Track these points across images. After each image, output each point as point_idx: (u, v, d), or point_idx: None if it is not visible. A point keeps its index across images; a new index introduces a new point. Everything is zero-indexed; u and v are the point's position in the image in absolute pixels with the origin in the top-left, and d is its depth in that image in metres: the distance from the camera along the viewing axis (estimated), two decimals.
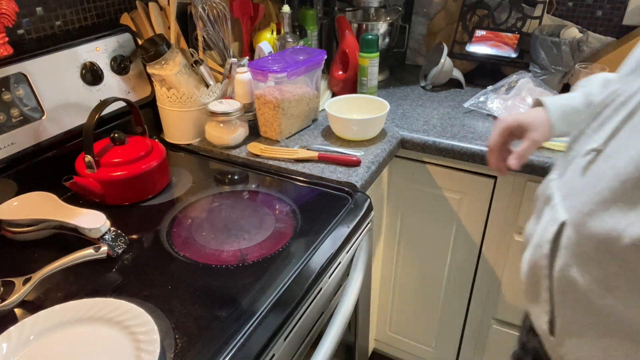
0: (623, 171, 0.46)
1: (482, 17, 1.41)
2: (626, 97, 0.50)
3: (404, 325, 1.45)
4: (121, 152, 0.90)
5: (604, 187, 0.49)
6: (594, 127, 0.55)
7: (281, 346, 0.66)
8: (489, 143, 0.80)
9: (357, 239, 0.87)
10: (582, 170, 0.54)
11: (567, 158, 0.60)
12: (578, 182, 0.54)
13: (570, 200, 0.55)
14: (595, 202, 0.50)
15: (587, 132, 0.56)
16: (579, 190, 0.53)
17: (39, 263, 0.71)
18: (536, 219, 0.64)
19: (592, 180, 0.51)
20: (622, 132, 0.49)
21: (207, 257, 0.77)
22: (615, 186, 0.47)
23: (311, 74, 1.13)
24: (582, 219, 0.51)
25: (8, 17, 0.86)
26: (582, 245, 0.52)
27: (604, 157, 0.50)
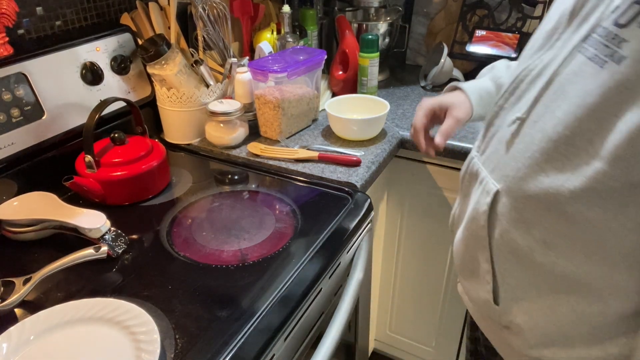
0: (552, 131, 0.50)
1: (482, 17, 1.41)
2: (540, 70, 0.55)
3: (404, 325, 1.45)
4: (121, 152, 0.90)
5: (535, 150, 0.52)
6: (513, 101, 0.59)
7: (281, 346, 0.66)
8: (414, 123, 0.83)
9: (357, 239, 0.87)
10: (507, 140, 0.58)
11: (487, 135, 0.64)
12: (505, 152, 0.58)
13: (500, 170, 0.58)
14: (528, 166, 0.53)
15: (506, 107, 0.61)
16: (508, 159, 0.57)
17: (39, 263, 0.71)
18: (462, 199, 0.68)
19: (521, 146, 0.55)
20: (544, 99, 0.53)
21: (207, 257, 0.77)
22: (546, 147, 0.51)
23: (311, 74, 1.13)
24: (516, 184, 0.55)
25: (8, 17, 0.86)
26: (519, 209, 0.55)
27: (530, 124, 0.54)
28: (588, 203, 0.48)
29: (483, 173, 0.62)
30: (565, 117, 0.49)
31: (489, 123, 0.65)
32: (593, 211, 0.48)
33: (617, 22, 0.45)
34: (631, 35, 0.44)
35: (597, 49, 0.47)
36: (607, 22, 0.47)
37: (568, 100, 0.49)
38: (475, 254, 0.64)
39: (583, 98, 0.47)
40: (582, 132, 0.47)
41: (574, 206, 0.49)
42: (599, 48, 0.47)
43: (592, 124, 0.46)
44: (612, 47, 0.45)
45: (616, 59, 0.44)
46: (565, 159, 0.49)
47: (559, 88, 0.51)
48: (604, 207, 0.47)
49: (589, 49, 0.48)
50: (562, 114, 0.49)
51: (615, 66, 0.44)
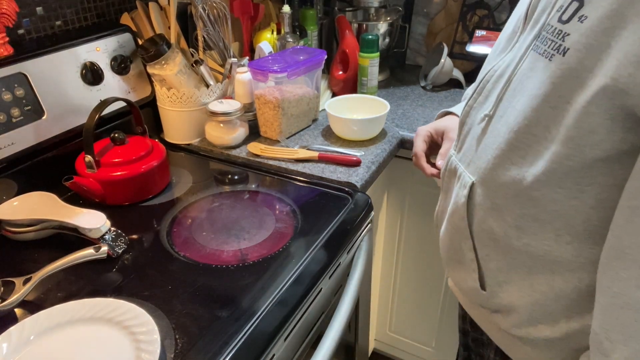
0: (514, 123, 0.55)
1: (482, 17, 1.41)
2: (502, 71, 0.61)
3: (404, 325, 1.45)
4: (121, 152, 0.90)
5: (501, 141, 0.57)
6: (481, 100, 0.65)
7: (281, 346, 0.66)
8: (415, 150, 0.90)
9: (357, 239, 0.87)
10: (478, 136, 0.63)
11: (462, 134, 0.69)
12: (477, 147, 0.63)
13: (474, 164, 0.63)
14: (495, 157, 0.58)
15: (475, 107, 0.66)
16: (480, 153, 0.62)
17: (39, 263, 0.71)
18: (444, 195, 0.73)
19: (489, 140, 0.60)
20: (506, 96, 0.58)
21: (207, 257, 0.77)
22: (510, 137, 0.55)
23: (311, 74, 1.13)
24: (487, 174, 0.60)
25: (8, 17, 0.86)
26: (492, 197, 0.60)
27: (496, 119, 0.59)
28: (550, 185, 0.52)
29: (460, 169, 0.67)
30: (524, 109, 0.54)
31: (461, 123, 0.70)
32: (556, 192, 0.52)
33: (561, 19, 0.50)
34: (572, 28, 0.49)
35: (546, 45, 0.52)
36: (553, 20, 0.52)
37: (525, 93, 0.54)
38: (459, 244, 0.68)
39: (537, 89, 0.52)
40: (539, 121, 0.52)
41: (538, 190, 0.53)
42: (547, 44, 0.52)
43: (547, 111, 0.51)
44: (557, 41, 0.50)
45: (561, 51, 0.49)
46: (527, 147, 0.54)
47: (517, 84, 0.56)
48: (565, 187, 0.51)
49: (540, 46, 0.53)
50: (521, 106, 0.54)
51: (561, 57, 0.49)
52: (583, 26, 0.47)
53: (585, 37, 0.47)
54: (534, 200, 0.55)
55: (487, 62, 0.68)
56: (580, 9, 0.48)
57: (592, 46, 0.46)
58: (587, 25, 0.47)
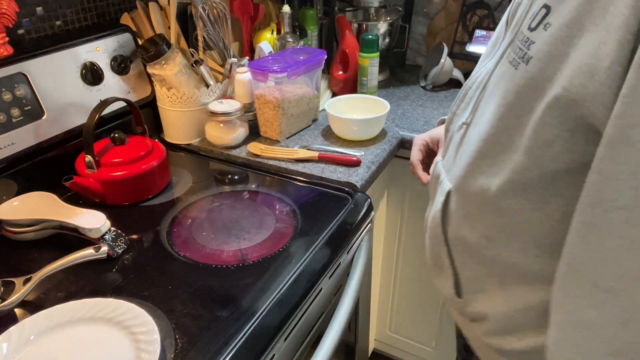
0: (484, 132, 0.55)
1: (482, 17, 1.41)
2: (483, 77, 0.60)
3: (404, 325, 1.45)
4: (121, 152, 0.90)
5: (473, 150, 0.57)
6: (463, 107, 0.65)
7: (281, 346, 0.66)
8: (411, 159, 0.90)
9: (357, 239, 0.87)
10: (457, 143, 0.63)
11: (446, 140, 0.69)
12: (455, 155, 0.63)
13: (452, 171, 0.63)
14: (468, 164, 0.58)
15: (458, 113, 0.66)
16: (457, 160, 0.62)
17: (39, 263, 0.71)
18: (431, 200, 0.72)
19: (465, 148, 0.60)
20: (481, 103, 0.58)
21: (207, 257, 0.77)
22: (480, 146, 0.55)
23: (311, 74, 1.13)
24: (461, 182, 0.60)
25: (8, 17, 0.86)
26: (465, 205, 0.60)
27: (472, 127, 0.59)
28: (515, 196, 0.52)
29: (442, 175, 0.67)
30: (492, 117, 0.53)
31: (446, 129, 0.70)
32: (520, 204, 0.52)
33: (530, 27, 0.49)
34: (537, 36, 0.48)
35: (515, 53, 0.51)
36: (524, 28, 0.51)
37: (494, 101, 0.54)
38: (437, 251, 0.67)
39: (504, 98, 0.51)
40: (504, 130, 0.52)
41: (503, 200, 0.53)
42: (516, 52, 0.51)
43: (511, 121, 0.50)
44: (524, 49, 0.49)
45: (525, 59, 0.49)
46: (494, 156, 0.53)
47: (489, 92, 0.56)
48: (529, 199, 0.51)
49: (510, 53, 0.53)
50: (489, 114, 0.54)
51: (525, 66, 0.48)
52: (546, 34, 0.47)
53: (547, 45, 0.46)
54: (500, 210, 0.54)
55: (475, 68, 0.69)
56: (546, 16, 0.47)
57: (552, 55, 0.46)
58: (549, 33, 0.46)
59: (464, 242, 0.61)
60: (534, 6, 0.51)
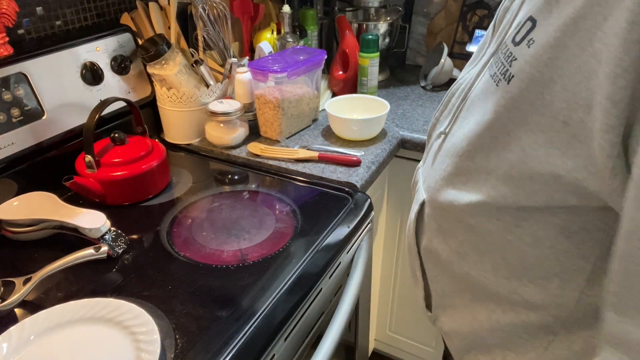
0: (459, 146, 0.52)
1: (482, 17, 1.41)
2: (466, 84, 0.57)
3: (404, 325, 1.45)
4: (121, 152, 0.90)
5: (448, 163, 0.54)
6: (445, 114, 0.61)
7: (281, 346, 0.66)
8: None
9: (357, 239, 0.87)
10: (434, 152, 0.60)
11: (427, 146, 0.67)
12: (432, 164, 0.60)
13: (427, 180, 0.60)
14: (442, 178, 0.55)
15: (441, 120, 0.63)
16: (432, 171, 0.59)
17: (39, 263, 0.71)
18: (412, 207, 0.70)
19: (440, 159, 0.57)
20: (460, 115, 0.55)
21: (207, 257, 0.77)
22: (455, 161, 0.52)
23: (311, 74, 1.13)
24: (434, 194, 0.57)
25: (8, 17, 0.86)
26: (437, 218, 0.57)
27: (449, 138, 0.56)
28: (487, 216, 0.49)
29: (419, 182, 0.64)
30: (469, 133, 0.50)
31: (428, 135, 0.67)
32: (493, 224, 0.49)
33: (514, 40, 0.45)
34: (519, 53, 0.43)
35: (497, 67, 0.47)
36: (509, 39, 0.46)
37: (473, 117, 0.50)
38: (411, 261, 0.66)
39: (482, 115, 0.48)
40: (480, 148, 0.48)
41: (475, 218, 0.50)
42: (497, 66, 0.47)
43: (488, 140, 0.47)
44: (506, 65, 0.45)
45: (507, 77, 0.44)
46: (468, 173, 0.50)
47: (470, 105, 0.53)
48: (502, 220, 0.48)
49: (493, 66, 0.49)
50: (467, 130, 0.51)
51: (505, 85, 0.44)
52: (529, 52, 0.42)
53: (529, 65, 0.42)
54: (472, 228, 0.51)
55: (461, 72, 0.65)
56: (531, 31, 0.42)
57: (534, 78, 0.41)
58: (531, 53, 0.42)
59: (435, 256, 0.59)
60: (520, 15, 0.47)
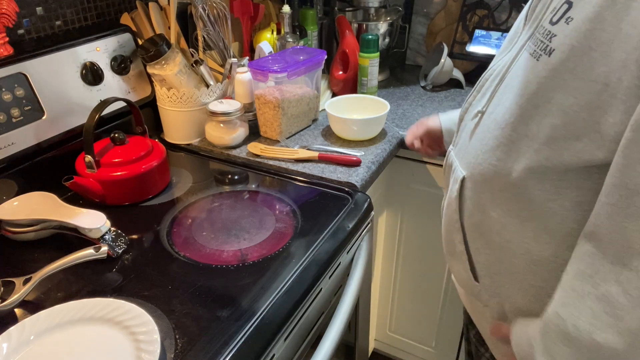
0: (501, 120, 0.56)
1: (482, 17, 1.41)
2: (500, 69, 0.62)
3: (404, 325, 1.45)
4: (121, 152, 0.90)
5: (489, 137, 0.58)
6: (478, 97, 0.67)
7: (281, 346, 0.66)
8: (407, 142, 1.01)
9: (357, 239, 0.87)
10: (471, 132, 0.65)
11: (459, 129, 0.71)
12: (469, 142, 0.65)
13: (465, 159, 0.64)
14: (484, 152, 0.59)
15: (474, 103, 0.68)
16: (471, 148, 0.64)
17: (39, 263, 0.71)
18: (445, 188, 0.74)
19: (479, 136, 0.62)
20: (498, 93, 0.60)
21: (207, 257, 0.77)
22: (497, 134, 0.57)
23: (311, 74, 1.13)
24: (475, 169, 0.61)
25: (8, 17, 0.86)
26: (479, 192, 0.61)
27: (487, 115, 0.61)
28: (530, 184, 0.53)
29: (455, 163, 0.68)
30: (510, 106, 0.55)
31: (460, 118, 0.71)
32: (535, 192, 0.53)
33: (551, 20, 0.52)
34: (559, 30, 0.50)
35: (535, 45, 0.53)
36: (546, 22, 0.53)
37: (513, 91, 0.55)
38: (452, 237, 0.69)
39: (524, 88, 0.53)
40: (522, 118, 0.53)
41: (519, 187, 0.55)
42: (537, 44, 0.53)
43: (530, 110, 0.52)
44: (545, 42, 0.51)
45: (547, 51, 0.51)
46: (510, 143, 0.55)
47: (508, 82, 0.58)
48: (543, 188, 0.52)
49: (531, 46, 0.54)
50: (508, 103, 0.56)
51: (547, 58, 0.50)
52: (568, 28, 0.48)
53: (569, 38, 0.48)
54: (515, 197, 0.55)
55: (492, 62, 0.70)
56: (568, 10, 0.49)
57: (574, 48, 0.47)
58: (571, 27, 0.48)
59: (478, 227, 0.62)
60: (554, 1, 0.53)
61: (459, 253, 0.67)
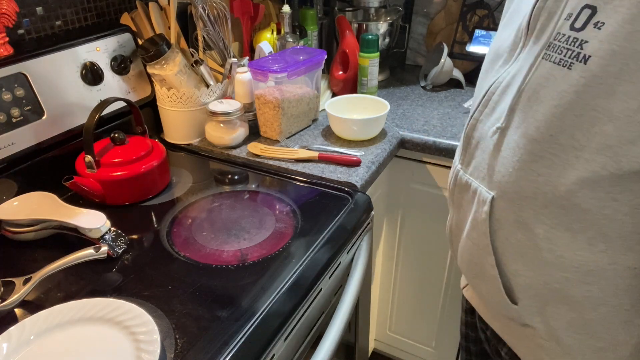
0: (536, 134, 0.54)
1: (482, 17, 1.41)
2: (508, 81, 0.60)
3: (404, 325, 1.45)
4: (121, 152, 0.90)
5: (522, 153, 0.56)
6: (487, 112, 0.63)
7: (281, 346, 0.66)
8: None
9: (357, 239, 0.87)
10: (492, 149, 0.61)
11: (469, 148, 0.67)
12: (493, 161, 0.61)
13: (491, 178, 0.61)
14: (518, 169, 0.57)
15: (482, 119, 0.64)
16: (498, 167, 0.60)
17: (39, 263, 0.71)
18: (456, 210, 0.72)
19: (507, 153, 0.59)
20: (520, 106, 0.57)
21: (207, 257, 0.77)
22: (533, 148, 0.55)
23: (311, 74, 1.13)
24: (510, 188, 0.58)
25: (8, 17, 0.86)
26: (517, 210, 0.58)
27: (512, 130, 0.58)
28: (582, 194, 0.52)
29: (474, 184, 0.65)
30: (546, 119, 0.53)
31: (468, 137, 0.68)
32: (588, 202, 0.52)
33: (574, 27, 0.50)
34: (589, 36, 0.48)
35: (561, 54, 0.51)
36: (565, 29, 0.51)
37: (545, 103, 0.53)
38: (480, 260, 0.66)
39: (559, 99, 0.51)
40: (564, 130, 0.51)
41: (569, 199, 0.53)
42: (563, 52, 0.51)
43: (572, 120, 0.50)
44: (575, 49, 0.50)
45: (581, 59, 0.49)
46: (553, 156, 0.53)
47: (532, 94, 0.55)
48: (597, 197, 0.51)
49: (553, 54, 0.53)
50: (541, 116, 0.54)
51: (582, 65, 0.49)
52: (602, 33, 0.47)
53: (607, 43, 0.47)
54: (565, 210, 0.54)
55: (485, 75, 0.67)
56: (594, 15, 0.48)
57: (615, 52, 0.46)
58: (607, 32, 0.47)
59: (519, 247, 0.60)
60: (567, 8, 0.51)
61: (490, 277, 0.65)
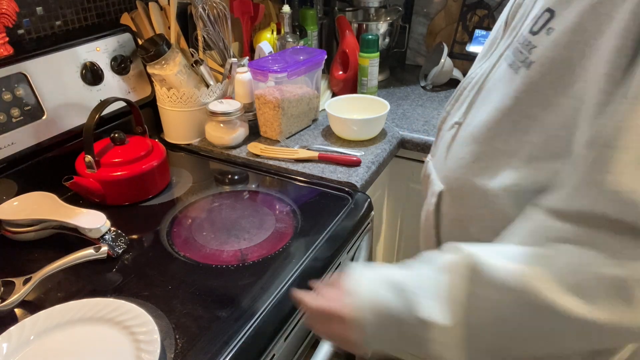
0: (478, 133, 0.53)
1: (482, 17, 1.41)
2: (478, 78, 0.59)
3: None
4: (121, 152, 0.90)
5: (466, 151, 0.56)
6: (457, 106, 0.63)
7: (281, 346, 0.66)
8: None
9: (357, 239, 0.87)
10: (448, 143, 0.62)
11: (437, 139, 0.68)
12: (446, 155, 0.61)
13: (443, 171, 0.61)
14: (461, 166, 0.56)
15: (451, 113, 0.65)
16: (448, 161, 0.61)
17: (39, 263, 0.71)
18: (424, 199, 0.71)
19: (456, 148, 0.59)
20: (475, 104, 0.57)
21: (207, 257, 0.77)
22: (473, 148, 0.54)
23: (311, 74, 1.13)
24: (453, 183, 0.58)
25: (8, 17, 0.86)
26: (457, 207, 0.58)
27: (464, 127, 0.58)
28: (509, 201, 0.50)
29: (433, 175, 0.65)
30: (487, 120, 0.52)
31: (438, 128, 0.69)
32: (512, 210, 0.50)
33: (532, 30, 0.49)
34: (539, 41, 0.47)
35: (514, 56, 0.50)
36: (526, 31, 0.50)
37: (490, 104, 0.53)
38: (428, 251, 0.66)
39: (501, 102, 0.51)
40: (499, 134, 0.51)
41: (498, 203, 0.52)
42: (516, 55, 0.50)
43: (508, 125, 0.50)
44: (525, 53, 0.49)
45: (527, 64, 0.48)
46: (489, 159, 0.52)
47: (485, 93, 0.55)
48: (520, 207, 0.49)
49: (510, 56, 0.52)
50: (484, 116, 0.53)
51: (525, 71, 0.48)
52: (548, 39, 0.46)
53: (550, 50, 0.45)
54: (494, 213, 0.52)
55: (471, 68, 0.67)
56: (549, 20, 0.46)
57: (554, 61, 0.45)
58: (552, 38, 0.45)
59: None
60: (535, 9, 0.50)
61: None
